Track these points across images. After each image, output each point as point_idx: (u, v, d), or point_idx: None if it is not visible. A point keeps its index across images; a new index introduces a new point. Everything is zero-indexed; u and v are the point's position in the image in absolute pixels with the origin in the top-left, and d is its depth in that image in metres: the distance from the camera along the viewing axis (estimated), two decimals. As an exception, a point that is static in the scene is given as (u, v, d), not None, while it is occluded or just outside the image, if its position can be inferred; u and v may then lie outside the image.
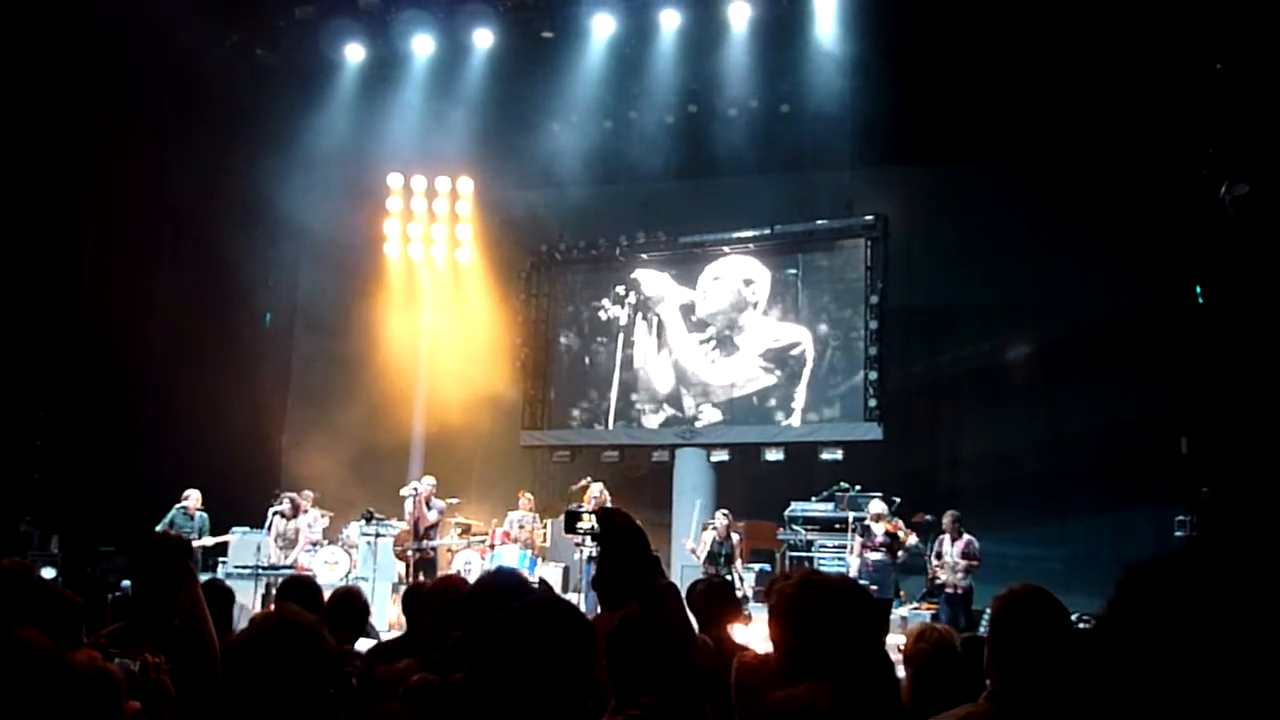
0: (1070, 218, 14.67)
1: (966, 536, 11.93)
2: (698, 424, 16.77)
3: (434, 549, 12.90)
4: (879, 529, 12.21)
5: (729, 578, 11.81)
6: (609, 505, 3.00)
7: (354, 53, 15.97)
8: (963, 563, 11.78)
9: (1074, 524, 14.52)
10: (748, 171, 15.92)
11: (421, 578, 11.87)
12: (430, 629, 3.99)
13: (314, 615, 2.70)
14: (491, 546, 13.78)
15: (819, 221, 16.26)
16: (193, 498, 12.85)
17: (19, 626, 2.45)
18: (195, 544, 12.04)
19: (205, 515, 12.97)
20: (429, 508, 13.02)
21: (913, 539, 12.18)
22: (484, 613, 2.86)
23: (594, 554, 12.61)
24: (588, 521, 2.91)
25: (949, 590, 11.89)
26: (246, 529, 13.87)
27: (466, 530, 14.42)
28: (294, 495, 13.82)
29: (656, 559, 2.68)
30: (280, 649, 2.30)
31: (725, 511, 13.13)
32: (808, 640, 2.58)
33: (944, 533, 12.12)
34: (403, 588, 11.88)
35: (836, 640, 2.56)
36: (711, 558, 12.65)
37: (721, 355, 16.81)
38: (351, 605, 4.65)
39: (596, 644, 2.38)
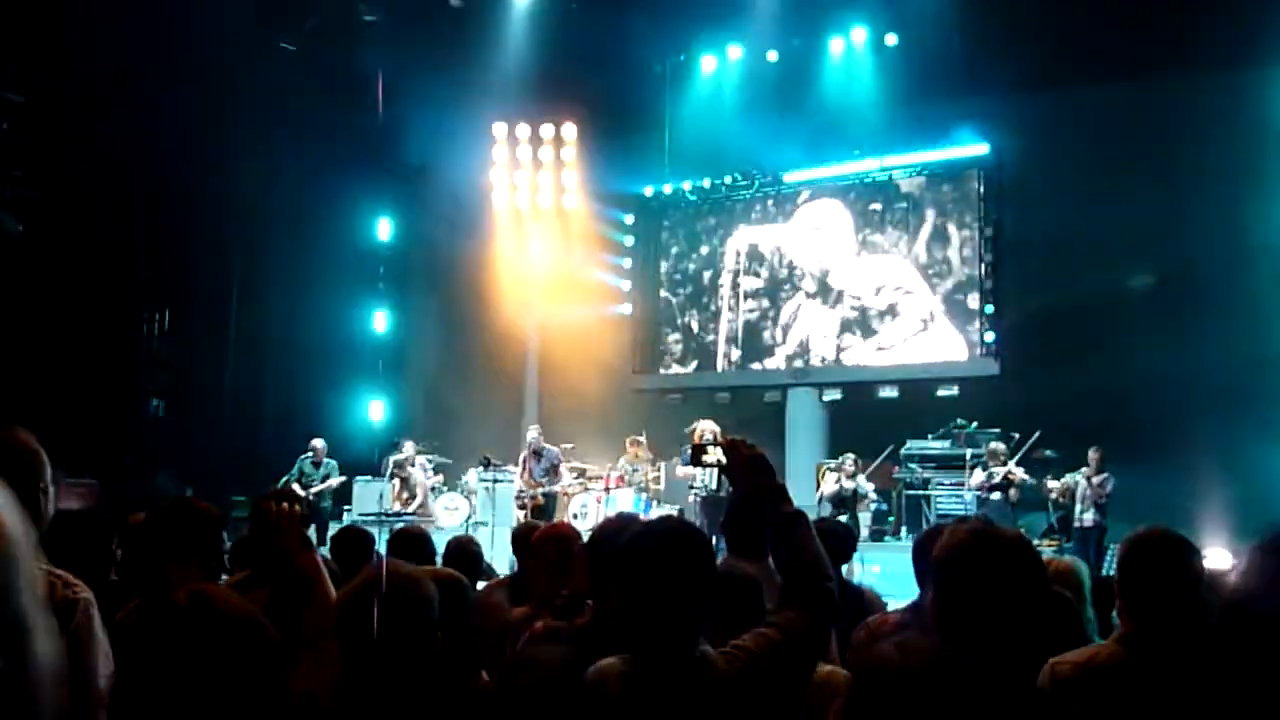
0: (1198, 139, 13.92)
1: (1105, 473, 11.75)
2: (810, 363, 16.63)
3: (549, 495, 13.12)
4: (996, 470, 12.11)
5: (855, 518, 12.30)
6: (732, 437, 3.05)
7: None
8: (1092, 495, 11.64)
9: (1202, 459, 13.99)
10: (855, 107, 15.52)
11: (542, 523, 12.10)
12: (541, 579, 4.05)
13: (411, 565, 2.74)
14: (606, 490, 13.93)
15: (930, 155, 15.88)
16: (318, 446, 13.22)
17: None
18: (315, 489, 12.48)
19: (334, 462, 13.32)
20: (539, 457, 13.23)
21: (1020, 473, 12.06)
22: (604, 556, 2.90)
23: (705, 496, 12.68)
24: (713, 455, 2.94)
25: (1078, 525, 11.75)
26: (369, 478, 14.25)
27: (581, 475, 14.59)
28: (413, 442, 14.11)
29: (783, 487, 2.71)
30: (383, 598, 2.34)
31: (854, 458, 13.18)
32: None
33: (1085, 466, 11.98)
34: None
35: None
36: (842, 501, 12.70)
37: (833, 293, 16.58)
38: (465, 554, 5.04)
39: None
